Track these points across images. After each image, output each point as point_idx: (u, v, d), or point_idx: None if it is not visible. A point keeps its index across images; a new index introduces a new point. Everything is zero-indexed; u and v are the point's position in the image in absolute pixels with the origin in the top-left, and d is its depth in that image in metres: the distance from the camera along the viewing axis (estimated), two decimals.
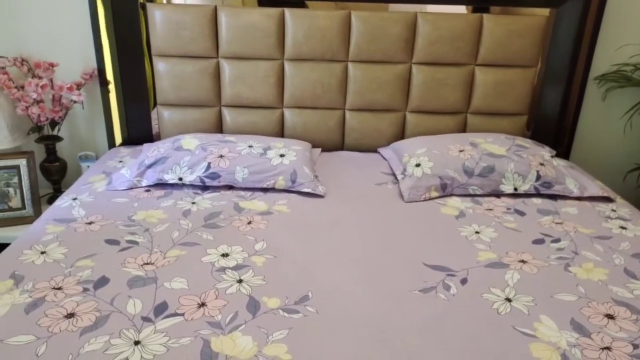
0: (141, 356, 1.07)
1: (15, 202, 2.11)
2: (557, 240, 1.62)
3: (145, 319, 1.18)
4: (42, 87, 2.07)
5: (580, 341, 1.16)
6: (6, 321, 1.16)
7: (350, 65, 2.25)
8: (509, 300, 1.31)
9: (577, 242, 1.62)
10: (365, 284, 1.36)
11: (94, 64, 2.26)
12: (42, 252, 1.44)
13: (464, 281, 1.39)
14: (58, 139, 2.26)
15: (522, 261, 1.49)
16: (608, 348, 1.14)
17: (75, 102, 2.18)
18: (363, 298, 1.30)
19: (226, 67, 2.23)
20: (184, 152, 1.94)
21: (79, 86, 2.19)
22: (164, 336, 1.13)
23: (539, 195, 1.96)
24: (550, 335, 1.18)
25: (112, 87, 2.28)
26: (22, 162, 2.09)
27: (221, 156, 1.93)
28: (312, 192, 1.90)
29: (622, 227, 1.72)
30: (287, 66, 2.24)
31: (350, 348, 1.12)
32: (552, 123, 2.37)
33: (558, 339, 1.17)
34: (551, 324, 1.22)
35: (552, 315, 1.25)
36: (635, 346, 1.15)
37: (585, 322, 1.23)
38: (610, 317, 1.25)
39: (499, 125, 2.34)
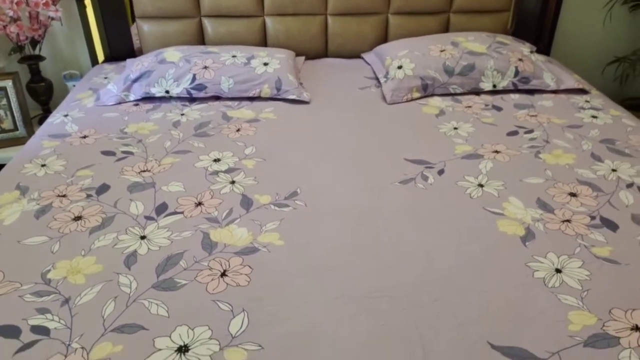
0: (148, 248, 1.18)
1: (7, 124, 2.15)
2: (531, 131, 1.71)
3: (148, 218, 1.29)
4: (17, 3, 2.03)
5: (543, 216, 1.29)
6: (19, 225, 1.26)
7: None
8: (481, 185, 1.42)
9: (550, 131, 1.71)
10: (349, 178, 1.46)
11: None
12: (43, 165, 1.52)
13: (441, 172, 1.49)
14: (40, 58, 2.25)
15: (496, 151, 1.59)
16: (568, 221, 1.27)
17: (53, 19, 2.14)
18: (347, 191, 1.40)
19: None
20: (168, 64, 1.96)
21: (54, 2, 2.14)
22: (167, 231, 1.24)
23: (516, 90, 2.02)
24: (516, 213, 1.30)
25: (88, 1, 2.23)
26: (9, 84, 2.10)
27: (205, 67, 1.95)
28: (298, 98, 1.94)
29: (594, 117, 1.81)
30: None
31: (336, 233, 1.24)
32: (533, 19, 2.37)
33: (523, 215, 1.29)
34: (518, 203, 1.34)
35: (520, 196, 1.36)
36: (592, 217, 1.28)
37: (550, 200, 1.35)
38: (573, 195, 1.37)
39: (482, 24, 2.34)
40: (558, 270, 1.11)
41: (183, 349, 0.92)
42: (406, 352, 0.92)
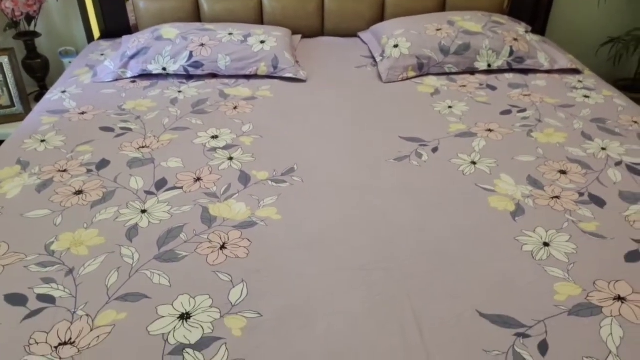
0: (149, 222, 1.21)
1: (4, 100, 2.15)
2: (524, 110, 1.74)
3: (149, 193, 1.31)
4: None
5: (533, 193, 1.33)
6: (21, 199, 1.28)
7: None
8: (474, 163, 1.45)
9: (542, 111, 1.74)
10: (345, 156, 1.49)
11: None
12: (42, 141, 1.53)
13: (434, 150, 1.52)
14: (36, 34, 2.24)
15: (489, 130, 1.62)
16: (557, 197, 1.31)
17: None
18: (343, 168, 1.43)
19: None
20: (165, 41, 1.96)
21: None
22: (167, 205, 1.27)
23: (511, 70, 2.04)
24: (507, 189, 1.34)
25: None
26: (4, 60, 2.10)
27: (202, 45, 1.96)
28: (294, 77, 1.96)
29: (586, 96, 1.84)
30: None
31: (332, 208, 1.27)
32: None
33: (514, 192, 1.33)
34: (509, 180, 1.37)
35: (511, 173, 1.40)
36: (581, 194, 1.32)
37: (540, 177, 1.39)
38: (563, 172, 1.41)
39: (478, 3, 2.34)
40: (546, 244, 1.15)
41: (185, 316, 0.96)
42: (399, 321, 0.96)
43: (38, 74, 2.29)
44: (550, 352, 0.90)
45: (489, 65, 2.01)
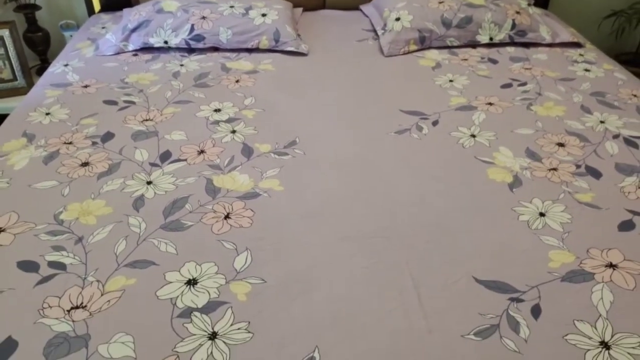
0: (154, 193, 1.24)
1: (6, 74, 2.16)
2: (524, 84, 1.75)
3: (153, 165, 1.34)
4: None
5: (531, 165, 1.35)
6: (29, 171, 1.31)
7: None
8: (473, 136, 1.47)
9: (542, 84, 1.75)
10: (346, 129, 1.51)
11: None
12: (47, 114, 1.55)
13: (435, 123, 1.54)
14: (36, 7, 2.23)
15: (490, 103, 1.63)
16: (555, 169, 1.33)
17: None
18: (345, 140, 1.45)
19: None
20: (166, 14, 1.96)
21: None
22: (172, 177, 1.29)
23: (512, 44, 2.04)
24: (505, 162, 1.36)
25: None
26: (5, 33, 2.10)
27: (203, 17, 1.95)
28: (296, 50, 1.96)
29: (586, 70, 1.84)
30: None
31: (334, 180, 1.30)
32: None
33: (512, 164, 1.35)
34: (508, 153, 1.39)
35: (510, 146, 1.42)
36: (578, 166, 1.35)
37: (539, 150, 1.41)
38: (561, 145, 1.43)
39: None
40: (542, 214, 1.18)
41: (192, 282, 1.00)
42: (397, 287, 1.00)
43: (39, 47, 2.29)
44: (542, 315, 0.94)
45: (491, 39, 2.01)
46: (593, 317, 0.94)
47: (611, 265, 1.04)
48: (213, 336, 0.90)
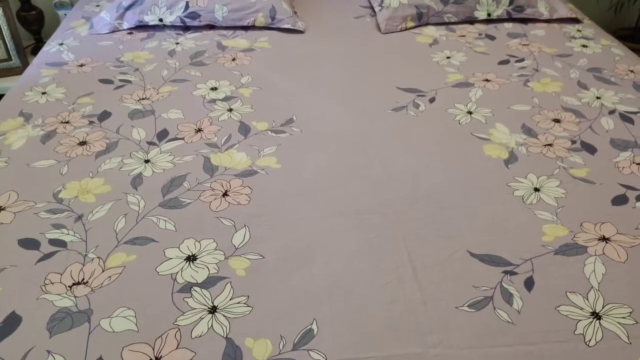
0: (153, 171, 1.25)
1: (0, 53, 2.14)
2: (521, 60, 1.74)
3: (151, 143, 1.34)
4: None
5: (527, 141, 1.36)
6: (26, 150, 1.31)
7: None
8: (470, 113, 1.47)
9: (540, 60, 1.74)
10: (343, 106, 1.51)
11: None
12: (43, 93, 1.55)
13: (432, 100, 1.54)
14: None
15: (486, 80, 1.63)
16: (550, 145, 1.34)
17: None
18: (341, 118, 1.46)
19: None
20: None
21: None
22: (169, 155, 1.30)
23: (510, 19, 2.03)
24: (501, 138, 1.37)
25: None
26: None
27: None
28: (292, 27, 1.94)
29: (584, 46, 1.84)
30: None
31: (330, 157, 1.31)
32: None
33: (508, 140, 1.36)
34: (504, 129, 1.40)
35: (506, 122, 1.43)
36: (573, 142, 1.35)
37: (535, 126, 1.42)
38: (557, 121, 1.44)
39: None
40: (536, 189, 1.19)
41: (191, 258, 1.01)
42: (393, 260, 1.02)
43: (33, 26, 2.27)
44: (535, 287, 0.96)
45: (489, 15, 2.00)
46: (585, 288, 0.96)
47: (604, 239, 1.06)
48: (213, 310, 0.92)
